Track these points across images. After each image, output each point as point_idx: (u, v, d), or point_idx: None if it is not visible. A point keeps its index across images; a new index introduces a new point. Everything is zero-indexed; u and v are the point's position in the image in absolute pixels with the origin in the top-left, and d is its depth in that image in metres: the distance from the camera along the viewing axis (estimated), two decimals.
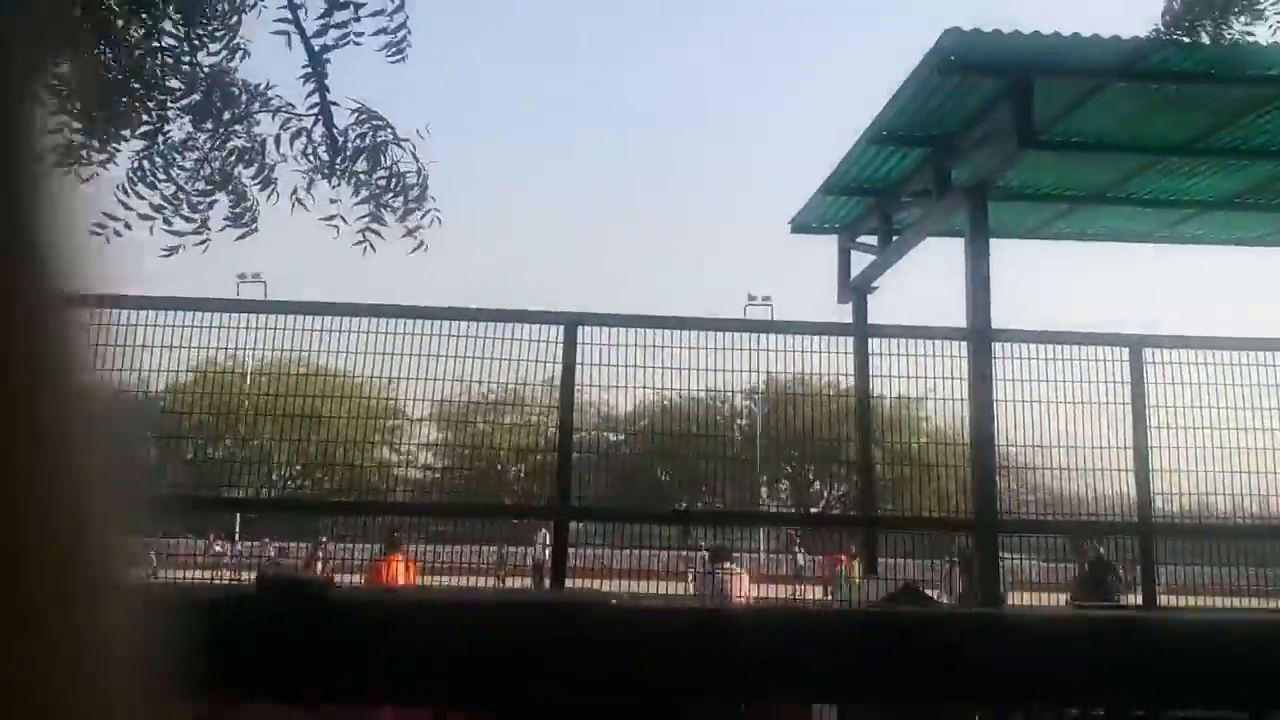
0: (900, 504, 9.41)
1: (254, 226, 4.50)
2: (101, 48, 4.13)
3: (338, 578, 11.84)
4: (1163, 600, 6.93)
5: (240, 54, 4.57)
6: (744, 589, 9.77)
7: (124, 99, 4.16)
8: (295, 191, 4.49)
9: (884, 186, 9.30)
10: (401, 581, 9.55)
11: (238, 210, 4.46)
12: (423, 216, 4.57)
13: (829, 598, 11.75)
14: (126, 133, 4.22)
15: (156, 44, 4.29)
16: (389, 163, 4.51)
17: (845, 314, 10.42)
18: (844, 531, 9.81)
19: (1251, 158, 8.15)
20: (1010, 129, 6.84)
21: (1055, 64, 6.62)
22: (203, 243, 4.32)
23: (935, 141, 8.11)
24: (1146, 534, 6.12)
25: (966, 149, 7.73)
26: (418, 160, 4.59)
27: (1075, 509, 6.98)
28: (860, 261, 10.31)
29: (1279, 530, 7.11)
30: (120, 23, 4.20)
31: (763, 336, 7.67)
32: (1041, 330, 6.79)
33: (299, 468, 8.91)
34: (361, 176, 4.51)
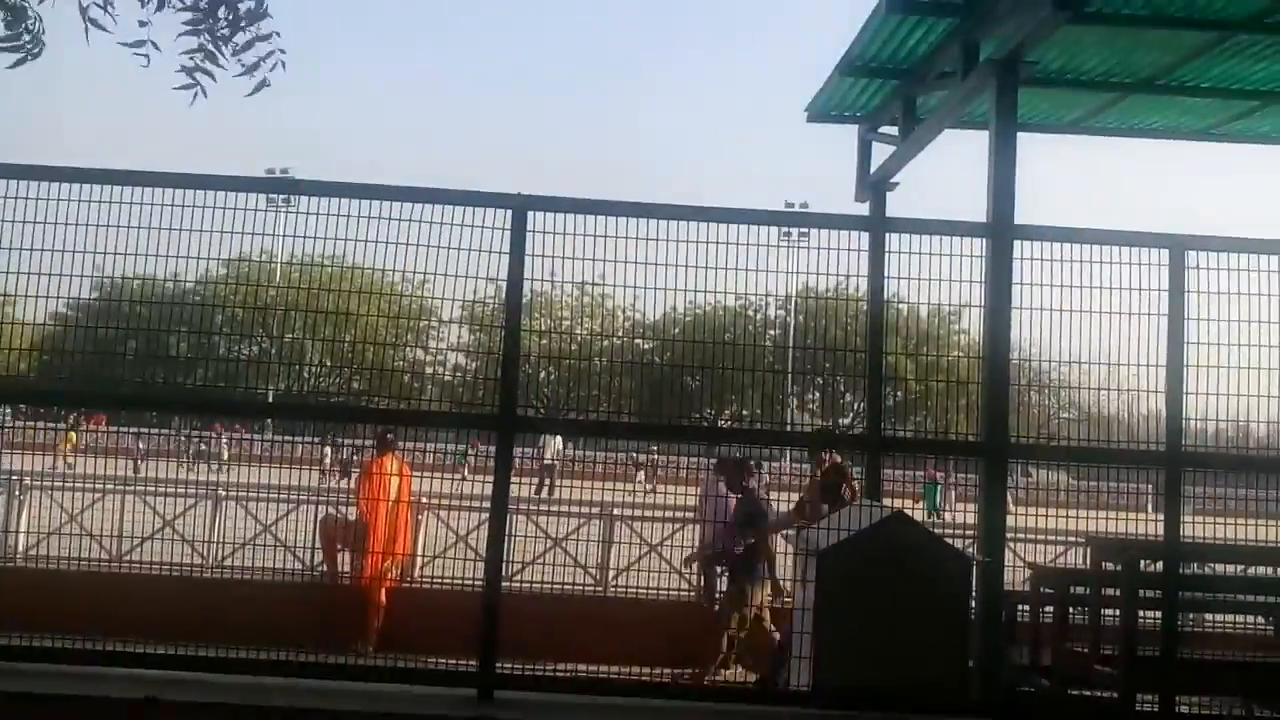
0: (933, 421, 8.68)
1: (35, 51, 3.76)
2: None
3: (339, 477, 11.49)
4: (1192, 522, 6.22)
5: None
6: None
7: None
8: (86, 7, 3.71)
9: (908, 66, 8.31)
10: (396, 482, 9.11)
11: (14, 33, 3.71)
12: (266, 58, 3.78)
13: None
14: None
15: None
16: None
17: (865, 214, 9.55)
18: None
19: None
20: None
21: None
22: None
23: (962, 10, 7.11)
24: (1175, 463, 5.31)
25: (996, 18, 6.73)
26: None
27: (1101, 432, 6.18)
28: (883, 154, 9.38)
29: None
30: None
31: (796, 235, 6.83)
32: (1071, 228, 5.87)
33: (328, 365, 8.43)
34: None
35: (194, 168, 5.70)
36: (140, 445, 10.34)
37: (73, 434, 10.47)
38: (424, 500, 9.74)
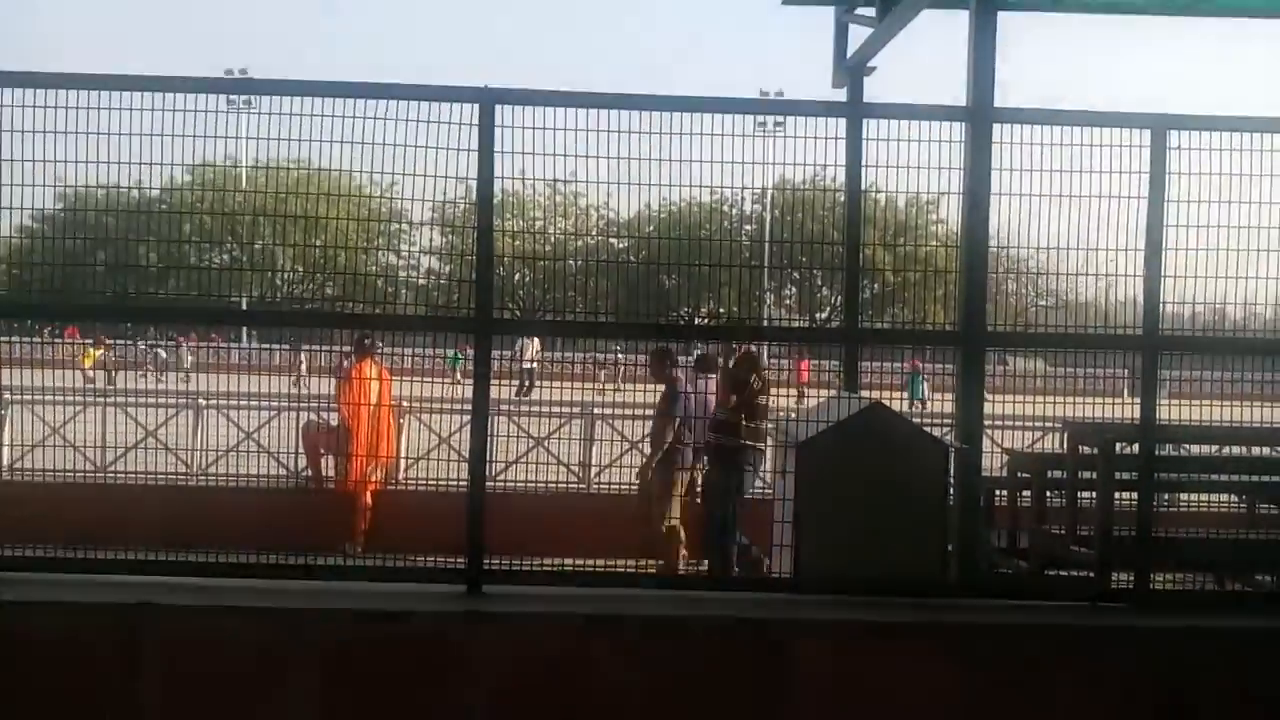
0: (909, 312, 8.68)
1: None
2: None
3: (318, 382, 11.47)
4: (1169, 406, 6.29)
5: None
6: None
7: None
8: None
9: None
10: (376, 388, 9.09)
11: None
12: None
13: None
14: None
15: None
16: None
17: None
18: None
19: None
20: None
21: None
22: None
23: None
24: (1152, 347, 5.35)
25: None
26: None
27: (1080, 318, 6.20)
28: (861, 38, 9.15)
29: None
30: None
31: (772, 124, 6.67)
32: (1051, 109, 5.79)
33: (299, 271, 8.32)
34: None
35: (152, 70, 5.53)
36: (113, 357, 10.28)
37: (91, 350, 10.39)
38: (405, 404, 9.75)
